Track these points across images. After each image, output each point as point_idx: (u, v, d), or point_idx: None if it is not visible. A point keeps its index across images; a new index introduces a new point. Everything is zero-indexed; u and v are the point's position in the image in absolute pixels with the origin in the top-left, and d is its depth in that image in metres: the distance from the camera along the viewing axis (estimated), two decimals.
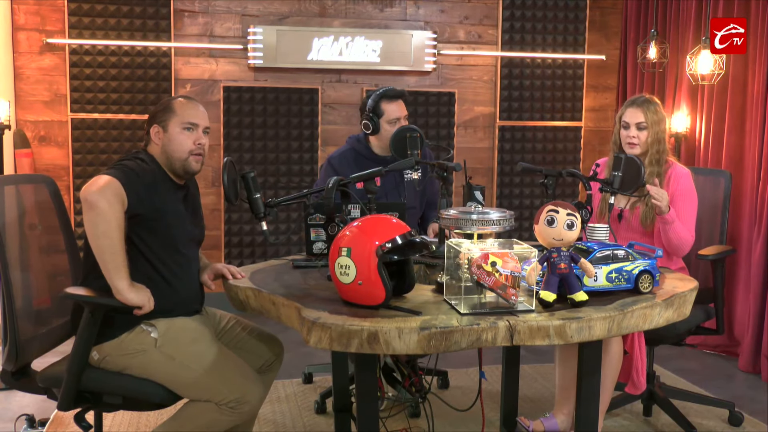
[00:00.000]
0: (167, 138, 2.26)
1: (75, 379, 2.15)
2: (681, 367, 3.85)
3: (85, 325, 2.12)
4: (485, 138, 5.10)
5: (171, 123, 2.26)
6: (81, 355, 2.15)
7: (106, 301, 2.10)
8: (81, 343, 2.14)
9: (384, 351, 1.76)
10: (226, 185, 2.26)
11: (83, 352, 2.15)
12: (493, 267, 1.86)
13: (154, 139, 2.27)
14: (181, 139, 2.26)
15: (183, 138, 2.26)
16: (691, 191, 2.84)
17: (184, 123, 2.27)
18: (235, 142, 4.68)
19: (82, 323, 2.12)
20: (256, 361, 2.40)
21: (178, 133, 2.26)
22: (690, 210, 2.82)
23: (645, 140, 2.85)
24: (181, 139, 2.26)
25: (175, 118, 2.27)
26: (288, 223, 4.79)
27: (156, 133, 2.27)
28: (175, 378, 2.17)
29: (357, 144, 3.18)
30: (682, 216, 2.81)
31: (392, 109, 3.09)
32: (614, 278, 2.07)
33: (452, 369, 3.67)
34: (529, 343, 1.82)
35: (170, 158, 2.26)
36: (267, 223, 2.35)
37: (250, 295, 2.17)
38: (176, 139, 2.26)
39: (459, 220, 2.11)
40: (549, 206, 1.99)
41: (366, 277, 1.88)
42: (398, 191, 3.14)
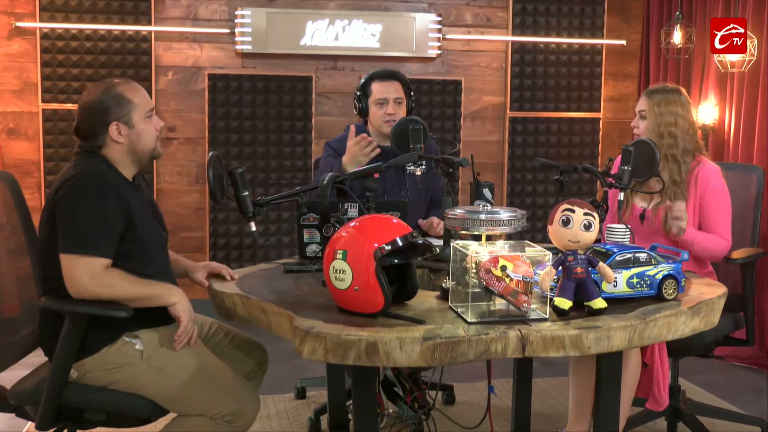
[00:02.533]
0: (135, 133, 2.23)
1: (55, 396, 2.15)
2: (708, 380, 3.85)
3: (66, 337, 2.12)
4: (494, 130, 5.09)
5: (134, 116, 2.22)
6: (62, 370, 2.15)
7: (92, 310, 2.11)
8: (62, 357, 2.14)
9: (384, 363, 1.75)
10: (211, 182, 2.25)
11: (64, 367, 2.15)
12: (503, 271, 1.85)
13: (115, 139, 2.21)
14: (148, 128, 2.25)
15: (149, 127, 2.26)
16: (723, 189, 2.84)
17: (146, 112, 2.25)
18: (221, 135, 4.68)
19: (63, 336, 2.12)
20: (239, 371, 2.41)
21: (143, 124, 2.24)
22: (723, 211, 2.81)
23: (642, 131, 2.85)
24: (148, 128, 2.25)
25: (136, 111, 2.22)
26: (279, 223, 4.79)
27: (117, 131, 2.21)
28: (166, 391, 2.17)
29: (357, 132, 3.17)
30: (714, 218, 2.80)
31: (379, 89, 3.09)
32: (635, 284, 2.07)
33: (458, 383, 3.67)
34: (543, 354, 1.82)
35: (140, 153, 2.25)
36: (256, 224, 2.35)
37: (237, 302, 2.16)
38: (144, 131, 2.24)
39: (466, 220, 2.11)
40: (564, 205, 1.99)
41: (363, 283, 1.88)
42: (400, 188, 3.13)
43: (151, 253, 2.24)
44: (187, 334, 2.19)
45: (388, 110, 3.09)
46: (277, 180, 4.74)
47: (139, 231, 2.20)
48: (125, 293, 2.13)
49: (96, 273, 2.09)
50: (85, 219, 2.11)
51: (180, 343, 2.18)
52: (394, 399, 3.00)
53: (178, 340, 2.18)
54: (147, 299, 2.16)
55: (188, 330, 2.19)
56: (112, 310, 2.11)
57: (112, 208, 2.14)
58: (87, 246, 2.10)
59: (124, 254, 2.16)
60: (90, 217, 2.12)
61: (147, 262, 2.23)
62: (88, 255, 2.09)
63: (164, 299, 2.18)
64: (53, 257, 2.13)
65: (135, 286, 2.15)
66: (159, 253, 2.30)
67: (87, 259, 2.09)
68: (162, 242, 2.34)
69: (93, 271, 2.09)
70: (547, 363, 4.01)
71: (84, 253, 2.09)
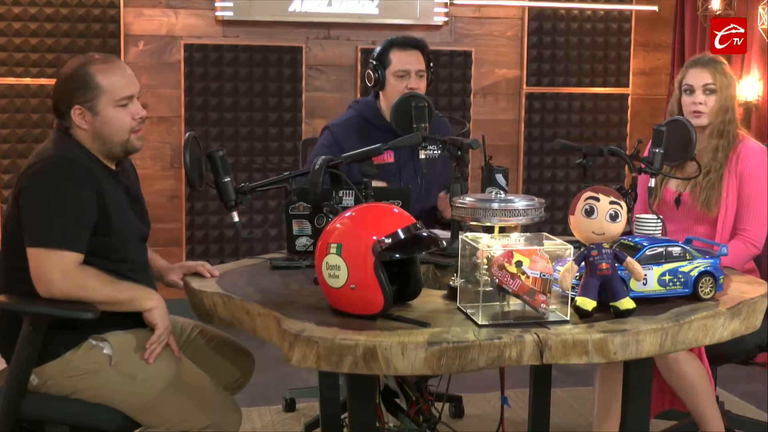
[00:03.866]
0: (99, 122, 2.23)
1: (13, 408, 2.15)
2: (749, 390, 3.85)
3: (24, 342, 2.12)
4: (509, 108, 5.09)
5: (100, 103, 2.21)
6: (20, 377, 2.15)
7: (54, 311, 2.11)
8: (20, 364, 2.14)
9: (383, 371, 1.76)
10: (188, 167, 2.25)
11: (23, 375, 2.15)
12: (518, 268, 1.86)
13: (78, 123, 2.22)
14: (119, 117, 2.23)
15: (120, 116, 2.24)
16: (763, 173, 2.84)
17: (119, 99, 2.23)
18: (199, 113, 4.67)
19: (21, 340, 2.12)
20: (221, 381, 2.41)
21: (113, 112, 2.23)
22: (759, 197, 2.82)
23: (713, 108, 2.84)
24: (119, 117, 2.23)
25: (104, 97, 2.21)
26: (265, 213, 4.79)
27: (80, 116, 2.22)
28: (138, 401, 2.18)
29: (365, 109, 3.14)
30: (751, 203, 2.81)
31: (401, 59, 3.06)
32: (668, 281, 2.08)
33: (468, 393, 3.68)
34: (563, 361, 1.83)
35: (106, 142, 2.25)
36: (239, 214, 2.35)
37: (218, 302, 2.17)
38: (111, 121, 2.23)
39: (476, 209, 2.11)
40: (587, 193, 1.99)
41: (361, 281, 1.88)
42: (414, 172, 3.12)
43: (126, 250, 2.25)
44: (161, 343, 2.19)
45: (409, 84, 3.05)
46: (263, 164, 4.74)
47: (115, 225, 2.21)
48: (98, 295, 2.13)
49: (68, 270, 2.10)
50: (56, 208, 2.12)
51: (152, 354, 2.18)
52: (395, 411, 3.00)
53: (149, 349, 2.18)
54: (121, 303, 2.18)
55: (162, 339, 2.20)
56: (76, 312, 2.11)
57: (86, 197, 2.14)
58: (58, 239, 2.10)
59: (96, 249, 2.17)
60: (61, 206, 2.12)
61: (121, 259, 2.24)
62: (60, 249, 2.10)
63: (139, 304, 2.19)
64: (18, 248, 2.14)
65: (109, 288, 2.15)
66: (136, 250, 2.31)
67: (58, 253, 2.10)
68: (141, 237, 2.34)
69: (65, 267, 2.10)
70: (568, 371, 4.01)
71: (55, 247, 2.10)
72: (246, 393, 2.69)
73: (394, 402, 3.01)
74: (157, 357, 2.19)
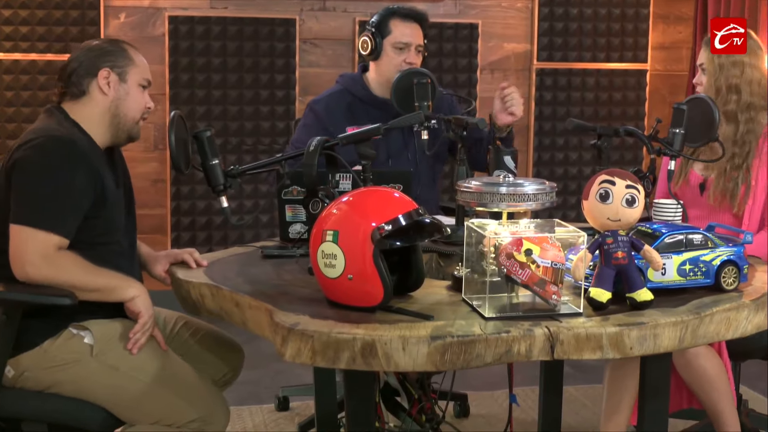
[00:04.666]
0: (123, 90, 2.30)
1: None
2: None
3: None
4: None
5: (130, 72, 2.31)
6: None
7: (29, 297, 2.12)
8: None
9: (383, 367, 1.76)
10: (173, 148, 2.26)
11: None
12: (527, 257, 1.86)
13: (101, 87, 2.28)
14: (140, 95, 2.33)
15: (140, 97, 2.33)
16: None
17: (144, 78, 2.35)
18: (185, 90, 4.67)
19: None
20: (207, 376, 2.42)
21: (137, 88, 2.33)
22: None
23: (707, 87, 2.84)
24: (140, 95, 2.33)
25: (134, 69, 2.33)
26: (256, 198, 4.79)
27: (106, 80, 2.28)
28: (121, 394, 2.19)
29: (351, 84, 3.15)
30: None
31: (402, 31, 3.06)
32: (688, 271, 2.08)
33: (473, 391, 3.69)
34: (576, 356, 1.83)
35: (120, 119, 2.30)
36: (228, 199, 2.35)
37: (205, 293, 2.17)
38: (134, 95, 2.32)
39: (483, 194, 2.11)
40: (602, 176, 1.99)
41: (359, 270, 1.88)
42: (408, 155, 3.12)
43: (114, 234, 2.27)
44: (145, 332, 2.20)
45: (408, 58, 3.06)
46: (254, 146, 4.74)
47: (107, 210, 2.23)
48: (77, 281, 2.14)
49: (49, 253, 2.11)
50: (48, 188, 2.14)
51: (137, 344, 2.19)
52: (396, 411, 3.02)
53: (133, 339, 2.19)
54: (100, 291, 2.19)
55: (147, 328, 2.20)
56: (53, 297, 2.12)
57: (83, 184, 2.17)
58: (46, 219, 2.12)
59: (83, 230, 2.18)
60: (55, 187, 2.14)
61: (107, 242, 2.26)
62: (47, 230, 2.12)
63: (121, 293, 2.20)
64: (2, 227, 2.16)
65: (89, 274, 2.16)
66: (124, 237, 2.32)
67: (43, 234, 2.11)
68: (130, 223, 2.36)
69: (47, 249, 2.11)
70: (581, 367, 4.02)
71: (41, 227, 2.11)
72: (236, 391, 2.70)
73: (395, 401, 3.02)
74: (141, 347, 2.20)
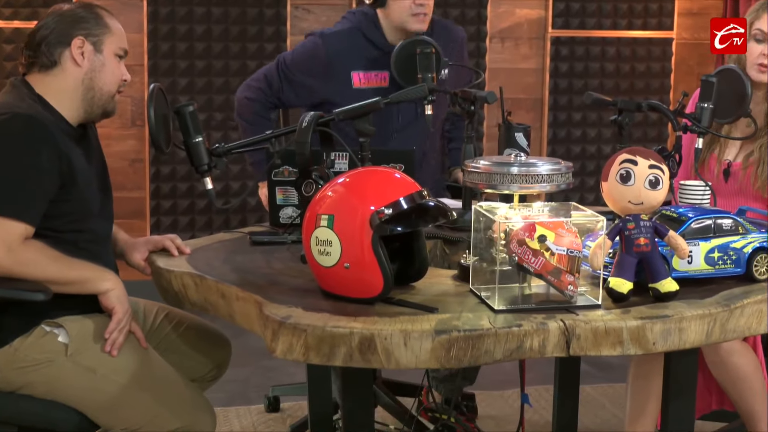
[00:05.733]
0: (99, 61, 2.28)
1: None
2: None
3: None
4: (532, 55, 5.07)
5: (106, 41, 2.29)
6: None
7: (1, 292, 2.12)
8: None
9: (383, 364, 1.77)
10: (152, 124, 2.25)
11: None
12: (541, 243, 1.86)
13: (75, 58, 2.26)
14: (115, 66, 2.31)
15: (116, 67, 2.32)
16: None
17: (120, 47, 2.32)
18: (164, 61, 4.66)
19: None
20: (191, 374, 2.43)
21: (113, 58, 2.31)
22: None
23: None
24: (115, 66, 2.31)
25: (110, 38, 2.30)
26: (243, 179, 4.79)
27: (80, 50, 2.26)
28: (97, 398, 2.19)
29: (364, 22, 3.10)
30: None
31: None
32: (717, 259, 2.08)
33: (482, 391, 3.70)
34: (594, 352, 1.83)
35: (95, 92, 2.29)
36: (213, 180, 2.35)
37: (189, 283, 2.17)
38: (110, 66, 2.30)
39: (492, 174, 2.11)
40: (623, 155, 1.99)
41: (356, 258, 1.89)
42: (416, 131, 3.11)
43: (87, 220, 2.27)
44: (121, 330, 2.21)
45: None
46: None
47: (79, 192, 2.22)
48: (45, 273, 2.14)
49: (13, 243, 2.11)
50: (13, 171, 2.13)
51: (115, 345, 2.20)
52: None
53: (110, 339, 2.20)
54: (72, 283, 2.18)
55: (122, 325, 2.21)
56: (25, 292, 2.12)
57: (48, 165, 2.15)
58: (8, 206, 2.11)
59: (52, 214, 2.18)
60: (16, 169, 2.13)
61: (79, 229, 2.25)
62: (9, 217, 2.11)
63: (94, 285, 2.20)
64: None
65: (59, 266, 2.16)
66: (98, 223, 2.32)
67: (6, 222, 2.11)
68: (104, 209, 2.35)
69: (10, 239, 2.10)
70: (600, 365, 4.03)
71: (3, 215, 2.11)
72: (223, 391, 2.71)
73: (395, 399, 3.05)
74: (120, 348, 2.20)
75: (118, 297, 2.21)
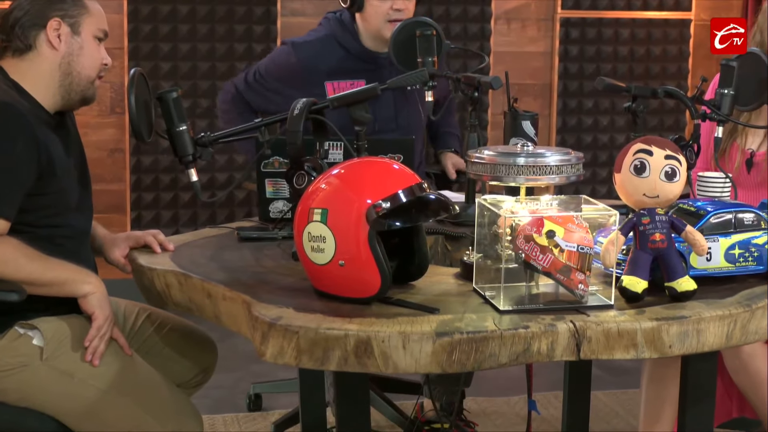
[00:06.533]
0: (77, 44, 2.28)
1: None
2: None
3: None
4: (539, 38, 5.07)
5: (84, 23, 2.29)
6: None
7: None
8: None
9: (380, 369, 1.77)
10: (133, 112, 2.25)
11: None
12: (550, 239, 1.86)
13: (52, 41, 2.26)
14: (95, 49, 2.32)
15: (95, 51, 2.32)
16: None
17: (99, 29, 2.32)
18: (146, 44, 4.66)
19: None
20: (175, 379, 2.43)
21: (92, 41, 2.31)
22: None
23: None
24: (95, 49, 2.32)
25: (89, 19, 2.30)
26: (230, 171, 4.79)
27: (56, 32, 2.25)
28: (74, 405, 2.20)
29: (338, 29, 3.17)
30: None
31: None
32: (737, 256, 2.08)
33: (487, 397, 3.70)
34: (606, 356, 1.84)
35: (73, 78, 2.29)
36: (198, 172, 2.35)
37: (172, 282, 2.18)
38: (90, 49, 2.30)
39: (497, 166, 2.11)
40: (638, 145, 1.99)
41: (352, 256, 1.89)
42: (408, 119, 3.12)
43: (65, 215, 2.27)
44: (102, 337, 2.21)
45: (395, 4, 3.08)
46: None
47: (56, 184, 2.22)
48: (22, 273, 2.14)
49: None
50: None
51: (96, 353, 2.20)
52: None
53: (90, 347, 2.19)
54: (50, 285, 2.19)
55: (103, 332, 2.21)
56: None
57: (24, 155, 2.15)
58: None
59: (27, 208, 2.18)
60: None
61: (56, 224, 2.26)
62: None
63: (73, 288, 2.20)
64: None
65: (37, 266, 2.16)
66: (76, 218, 2.32)
67: None
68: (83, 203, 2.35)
69: None
70: (613, 369, 4.04)
71: None
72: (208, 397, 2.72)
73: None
74: (101, 356, 2.20)
75: (99, 301, 2.20)
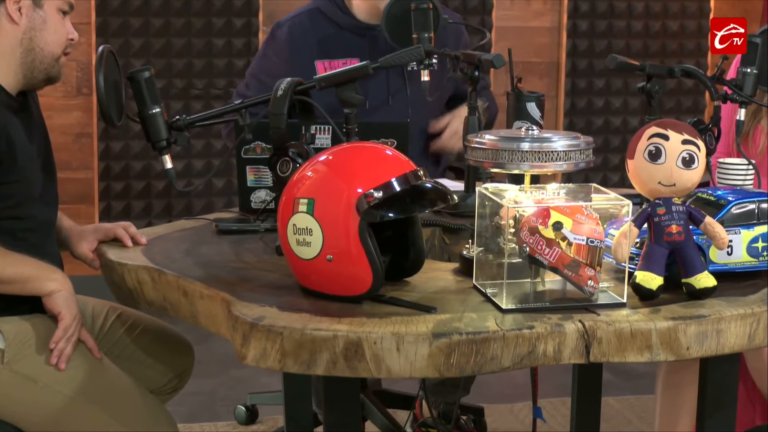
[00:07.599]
0: (39, 18, 2.28)
1: None
2: None
3: None
4: (545, 12, 5.08)
5: None
6: None
7: None
8: None
9: (372, 373, 1.77)
10: (102, 93, 2.25)
11: None
12: (557, 231, 1.87)
13: (12, 15, 2.25)
14: (60, 25, 2.31)
15: (60, 25, 2.31)
16: None
17: (64, 1, 2.32)
18: (115, 18, 4.65)
19: None
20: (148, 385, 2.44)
21: (56, 15, 2.30)
22: None
23: None
24: (60, 25, 2.31)
25: None
26: (208, 157, 4.79)
27: (16, 6, 2.25)
28: (38, 412, 2.20)
29: (326, 3, 3.15)
30: None
31: None
32: (761, 250, 2.09)
33: (489, 404, 3.71)
34: (618, 359, 1.84)
35: (35, 54, 2.28)
36: (173, 158, 2.35)
37: (145, 279, 2.18)
38: (53, 24, 2.30)
39: (500, 151, 2.11)
40: (653, 128, 1.99)
41: (341, 250, 1.89)
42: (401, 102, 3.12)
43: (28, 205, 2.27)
44: (69, 339, 2.21)
45: None
46: (205, 90, 4.73)
47: (18, 172, 2.22)
48: None
49: None
50: None
51: (62, 356, 2.20)
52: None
53: (56, 350, 2.20)
54: (11, 283, 2.19)
55: (70, 333, 2.21)
56: None
57: None
58: None
59: None
60: None
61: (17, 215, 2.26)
62: None
63: (37, 285, 2.20)
64: None
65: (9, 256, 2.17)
66: (40, 209, 2.32)
67: None
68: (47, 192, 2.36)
69: None
70: (624, 373, 4.05)
71: None
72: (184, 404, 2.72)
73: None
74: (68, 359, 2.21)
75: (66, 299, 2.20)
